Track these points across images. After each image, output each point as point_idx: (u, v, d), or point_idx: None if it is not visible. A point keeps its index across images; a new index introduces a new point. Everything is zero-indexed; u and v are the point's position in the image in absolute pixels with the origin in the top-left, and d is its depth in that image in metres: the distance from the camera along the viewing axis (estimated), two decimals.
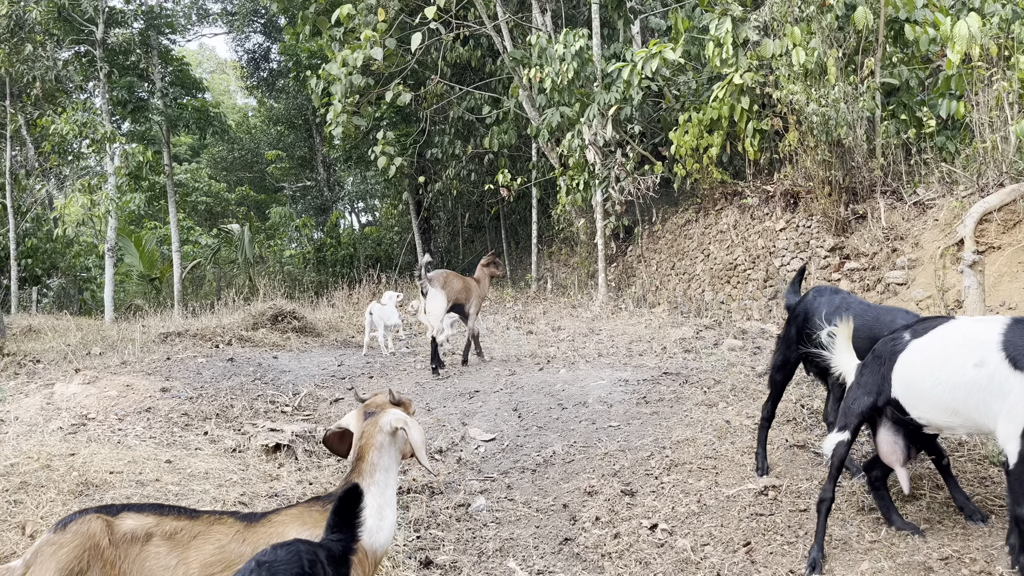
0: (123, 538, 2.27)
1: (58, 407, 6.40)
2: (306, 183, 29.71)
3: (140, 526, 2.33)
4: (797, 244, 10.90)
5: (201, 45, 45.13)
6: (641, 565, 3.81)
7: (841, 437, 3.63)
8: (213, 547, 2.35)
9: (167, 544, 2.32)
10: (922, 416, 3.40)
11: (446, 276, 8.86)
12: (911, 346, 3.44)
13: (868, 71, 10.72)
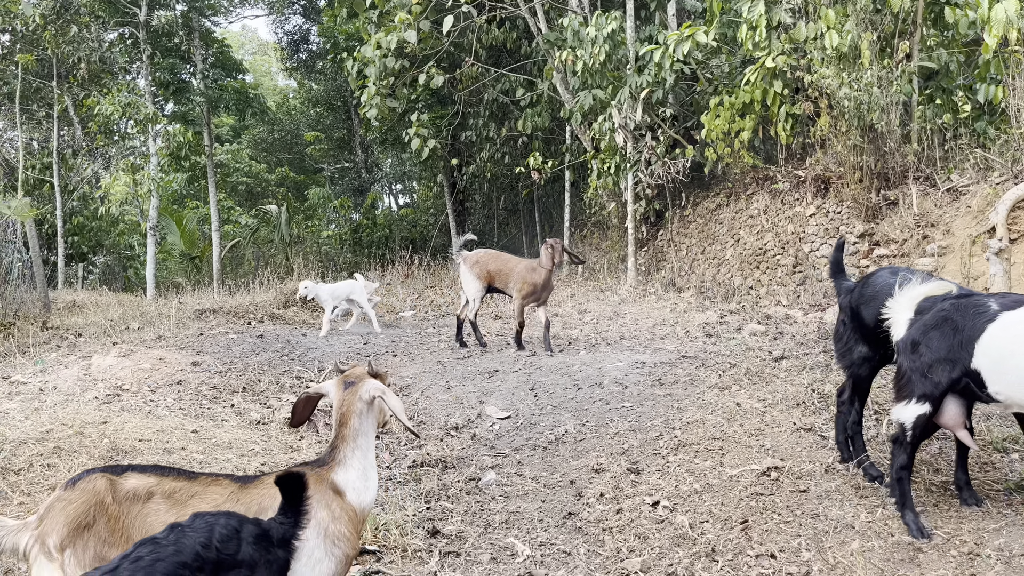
0: (126, 496, 2.44)
1: (94, 378, 6.69)
2: (344, 164, 30.06)
3: (142, 485, 2.50)
4: (827, 230, 10.80)
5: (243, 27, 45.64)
6: (639, 539, 3.92)
7: (921, 410, 3.50)
8: (208, 505, 2.49)
9: (166, 502, 2.48)
10: (1002, 392, 3.24)
11: (479, 256, 8.59)
12: (1003, 318, 3.23)
13: (903, 54, 10.53)
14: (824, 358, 6.40)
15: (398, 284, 15.83)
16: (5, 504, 4.19)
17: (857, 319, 4.22)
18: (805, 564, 3.47)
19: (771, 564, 3.52)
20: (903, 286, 3.76)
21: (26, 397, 6.21)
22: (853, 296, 4.30)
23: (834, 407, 5.23)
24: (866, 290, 4.20)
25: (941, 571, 3.26)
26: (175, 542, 2.01)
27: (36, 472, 4.51)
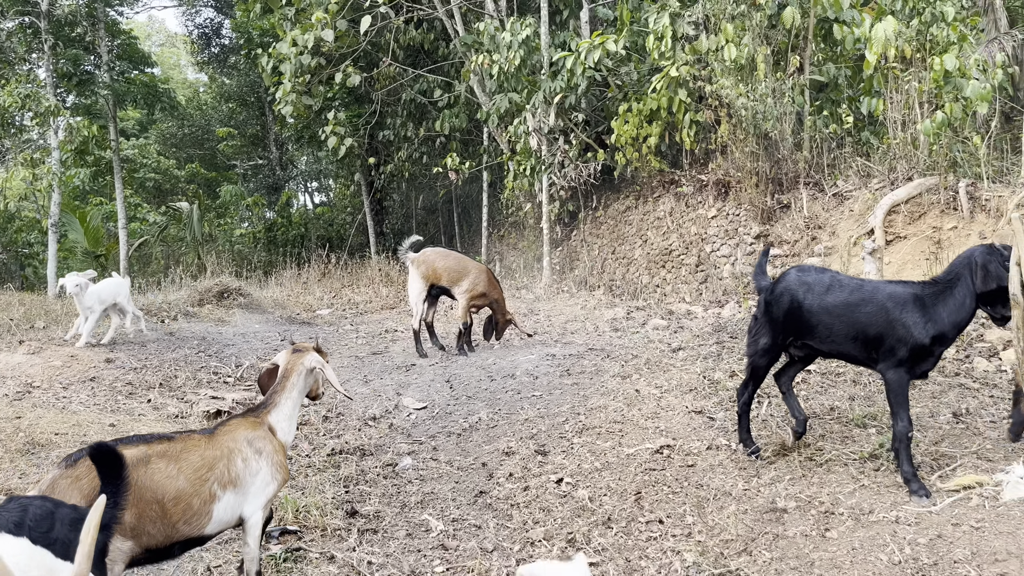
0: (130, 463, 2.73)
1: (3, 375, 6.61)
2: (258, 162, 29.54)
3: (138, 453, 2.91)
4: (727, 231, 11.48)
5: (150, 17, 44.17)
6: (544, 512, 4.27)
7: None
8: (195, 456, 3.06)
9: (164, 461, 2.97)
10: None
11: (426, 255, 8.26)
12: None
13: (795, 68, 11.30)
14: (716, 348, 6.92)
15: (315, 283, 15.83)
16: None
17: (768, 314, 4.56)
18: (688, 527, 3.89)
19: (659, 528, 3.93)
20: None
21: None
22: (768, 293, 4.62)
23: (723, 391, 5.74)
24: (777, 287, 4.54)
25: (801, 527, 3.73)
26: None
27: None
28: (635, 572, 3.59)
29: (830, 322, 4.27)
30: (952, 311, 4.04)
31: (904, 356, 4.04)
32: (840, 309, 4.23)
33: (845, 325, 4.21)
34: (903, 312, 4.06)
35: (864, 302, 4.17)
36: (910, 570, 3.29)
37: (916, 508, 3.79)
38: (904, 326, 4.03)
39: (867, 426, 4.88)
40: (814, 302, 4.32)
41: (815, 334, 4.37)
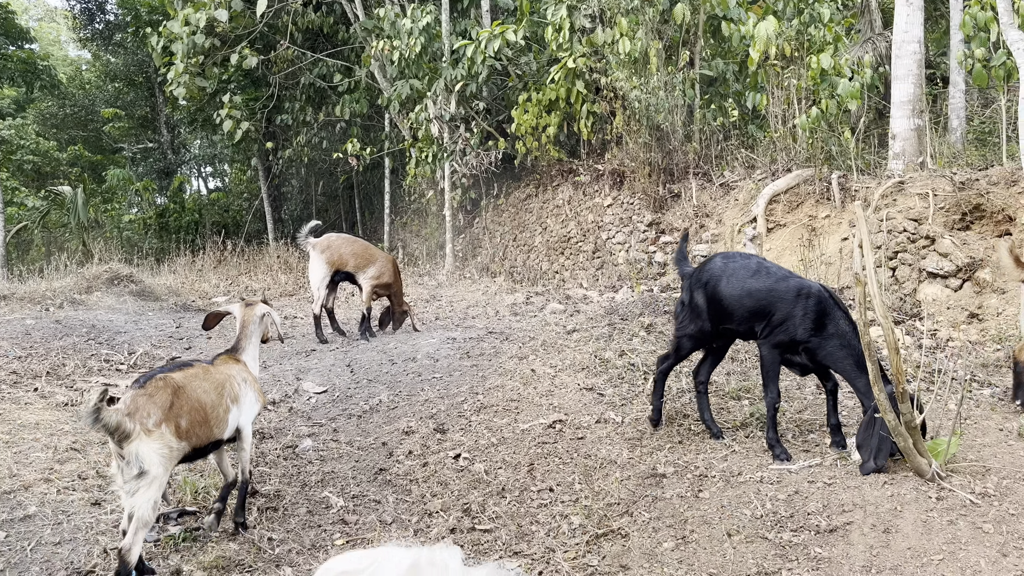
0: (182, 382, 3.66)
1: None
2: (148, 145, 28.32)
3: (184, 375, 3.73)
4: (621, 219, 11.93)
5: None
6: (441, 486, 4.46)
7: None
8: (214, 377, 3.89)
9: (199, 380, 3.78)
10: None
11: (331, 241, 8.24)
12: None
13: (686, 62, 11.82)
14: (608, 330, 7.26)
15: (210, 270, 15.44)
16: None
17: (692, 300, 4.77)
18: (576, 493, 4.16)
19: (550, 495, 4.18)
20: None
21: None
22: (692, 280, 4.83)
23: (613, 369, 6.06)
24: (702, 275, 4.75)
25: (678, 490, 4.06)
26: None
27: None
28: (526, 536, 3.82)
29: (751, 305, 4.52)
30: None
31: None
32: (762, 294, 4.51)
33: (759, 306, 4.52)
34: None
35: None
36: (770, 522, 3.65)
37: (778, 468, 4.18)
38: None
39: (741, 398, 5.30)
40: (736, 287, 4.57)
41: (734, 318, 4.60)
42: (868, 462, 3.99)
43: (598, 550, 3.61)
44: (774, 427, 4.38)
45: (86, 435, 5.16)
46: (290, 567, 3.67)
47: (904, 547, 3.37)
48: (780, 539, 3.51)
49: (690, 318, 4.78)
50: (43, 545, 3.76)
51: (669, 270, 10.71)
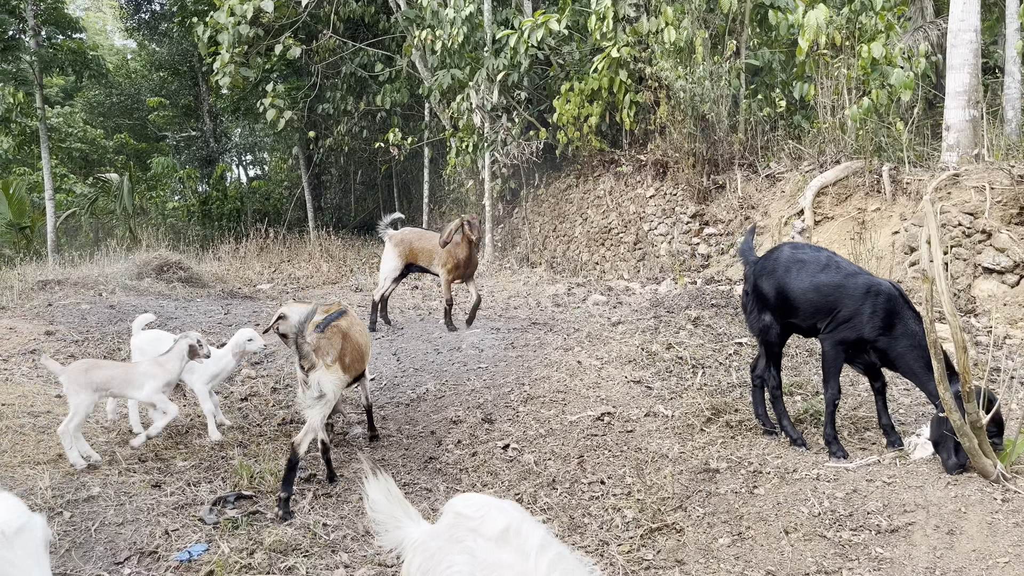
0: (346, 326, 4.56)
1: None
2: (191, 133, 28.73)
3: (345, 323, 4.57)
4: (664, 210, 11.83)
5: None
6: (492, 476, 4.48)
7: None
8: (359, 321, 4.82)
9: (355, 326, 4.69)
10: None
11: (405, 235, 8.28)
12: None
13: (732, 52, 11.65)
14: (654, 322, 7.22)
15: (253, 257, 15.65)
16: None
17: (758, 291, 4.66)
18: (628, 487, 4.15)
19: (601, 488, 4.18)
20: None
21: None
22: (756, 269, 4.72)
23: (660, 363, 6.03)
24: (767, 264, 4.65)
25: (732, 485, 4.03)
26: None
27: None
28: (579, 528, 3.83)
29: (817, 300, 4.40)
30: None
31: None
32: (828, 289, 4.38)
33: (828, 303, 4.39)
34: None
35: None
36: (828, 521, 3.61)
37: (835, 466, 4.13)
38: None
39: (793, 394, 5.23)
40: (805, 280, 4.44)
41: (799, 313, 4.48)
42: (950, 459, 3.89)
43: (652, 544, 3.60)
44: (832, 424, 4.32)
45: (145, 417, 5.27)
46: (345, 552, 3.71)
47: (968, 549, 3.30)
48: (839, 538, 3.47)
49: (759, 308, 4.66)
50: (106, 526, 3.85)
51: (713, 262, 10.61)
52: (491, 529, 2.11)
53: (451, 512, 2.32)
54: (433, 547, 2.32)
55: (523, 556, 2.04)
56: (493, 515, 2.16)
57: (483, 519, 2.17)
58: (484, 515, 2.18)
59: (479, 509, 2.22)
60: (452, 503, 2.35)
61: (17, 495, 4.02)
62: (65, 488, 4.16)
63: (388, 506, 2.47)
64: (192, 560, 3.58)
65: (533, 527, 2.09)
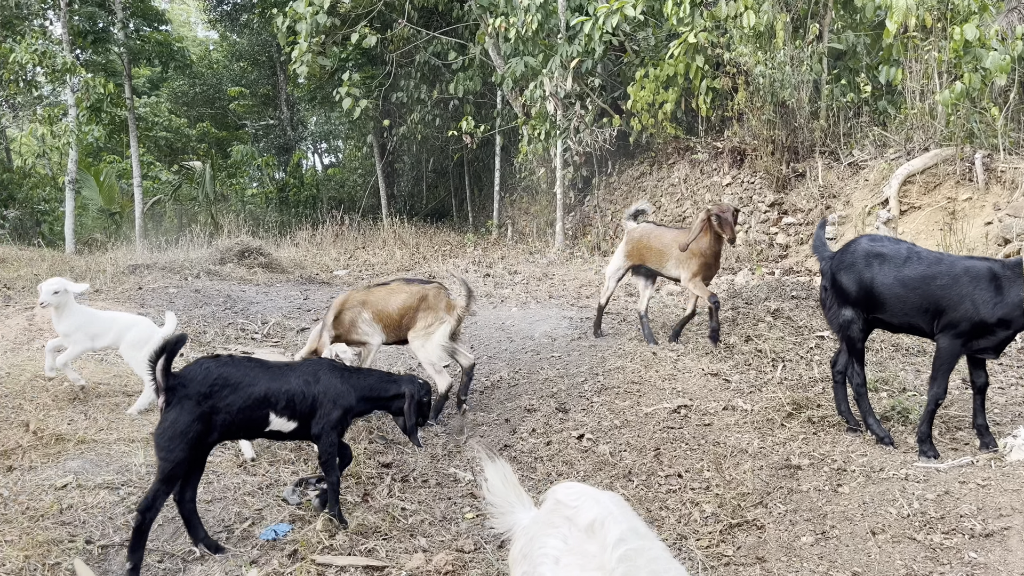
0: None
1: (40, 328, 6.83)
2: (269, 122, 29.48)
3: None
4: (741, 199, 11.57)
5: None
6: (567, 465, 4.48)
7: None
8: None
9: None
10: None
11: (634, 232, 7.05)
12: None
13: (814, 35, 11.28)
14: (731, 314, 7.08)
15: (329, 244, 16.01)
16: None
17: (837, 285, 4.53)
18: (706, 481, 4.10)
19: (678, 482, 4.13)
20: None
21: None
22: (833, 263, 4.58)
23: (738, 355, 5.92)
24: (845, 257, 4.50)
25: (815, 482, 3.93)
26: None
27: (6, 411, 4.75)
28: (656, 521, 3.80)
29: (904, 295, 4.23)
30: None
31: (965, 330, 4.11)
32: (916, 282, 4.19)
33: (920, 298, 4.19)
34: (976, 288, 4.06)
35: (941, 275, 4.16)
36: (918, 523, 3.48)
37: (924, 466, 3.98)
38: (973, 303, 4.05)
39: (879, 390, 5.06)
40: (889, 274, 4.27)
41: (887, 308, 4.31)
42: None
43: (732, 540, 3.54)
44: (930, 423, 4.15)
45: None
46: (424, 537, 3.77)
47: None
48: (930, 541, 3.35)
49: (839, 303, 4.50)
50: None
51: (792, 252, 10.34)
52: (583, 519, 2.19)
53: (552, 499, 2.39)
54: (533, 531, 2.41)
55: (603, 549, 2.11)
56: (587, 505, 2.23)
57: (578, 508, 2.24)
58: (579, 505, 2.25)
59: (577, 498, 2.29)
60: (554, 490, 2.43)
61: (113, 471, 4.23)
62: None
63: (504, 491, 2.55)
64: (277, 539, 3.69)
65: (617, 521, 2.15)
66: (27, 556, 3.39)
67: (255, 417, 3.62)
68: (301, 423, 3.77)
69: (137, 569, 3.30)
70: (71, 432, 4.54)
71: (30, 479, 4.07)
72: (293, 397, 3.70)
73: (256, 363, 3.75)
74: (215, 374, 3.52)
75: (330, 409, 3.80)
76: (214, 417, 3.49)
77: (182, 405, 3.42)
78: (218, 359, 3.66)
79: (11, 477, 4.08)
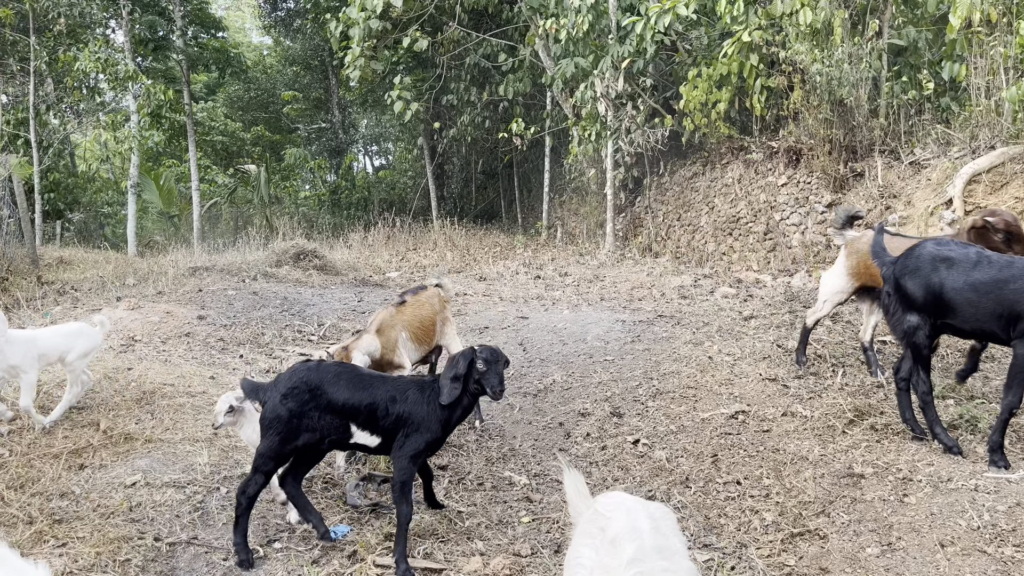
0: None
1: (109, 331, 7.05)
2: (321, 125, 29.95)
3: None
4: (797, 199, 11.36)
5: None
6: (622, 471, 4.46)
7: None
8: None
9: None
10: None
11: (863, 242, 5.56)
12: None
13: (874, 32, 11.01)
14: (790, 318, 6.96)
15: (381, 246, 16.19)
16: (51, 441, 4.60)
17: (901, 290, 4.37)
18: (766, 488, 4.03)
19: (737, 489, 4.08)
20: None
21: None
22: (896, 268, 4.42)
23: None
24: (909, 262, 4.35)
25: (879, 492, 3.84)
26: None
27: (73, 412, 4.92)
28: (715, 528, 3.75)
29: (977, 300, 4.07)
30: None
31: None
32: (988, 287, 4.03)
33: (993, 303, 4.02)
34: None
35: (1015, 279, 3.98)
36: (988, 535, 3.38)
37: (995, 477, 3.86)
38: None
39: (945, 398, 4.92)
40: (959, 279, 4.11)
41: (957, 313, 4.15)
42: None
43: (794, 550, 3.48)
44: (1003, 432, 4.02)
45: None
46: (480, 540, 3.79)
47: None
48: (1001, 554, 3.24)
49: (904, 309, 4.37)
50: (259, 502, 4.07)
51: None
52: (611, 531, 2.20)
53: (593, 508, 2.42)
54: (576, 538, 2.44)
55: (619, 566, 2.11)
56: (617, 517, 2.24)
57: (609, 520, 2.25)
58: (612, 515, 2.26)
59: (612, 509, 2.30)
60: (597, 498, 2.45)
61: (179, 469, 4.35)
62: (221, 465, 4.45)
63: (575, 499, 2.60)
64: (337, 539, 3.75)
65: (638, 538, 2.13)
66: (98, 552, 3.51)
67: (336, 426, 3.57)
68: (386, 440, 3.63)
69: (242, 548, 3.51)
70: (139, 431, 4.69)
71: (101, 477, 4.21)
72: (375, 412, 3.57)
73: (345, 371, 3.67)
74: (297, 377, 3.57)
75: (411, 432, 3.60)
76: (297, 420, 3.52)
77: (271, 402, 3.55)
78: (307, 363, 3.68)
79: (83, 475, 4.23)
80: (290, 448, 3.56)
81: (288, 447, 3.55)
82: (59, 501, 3.93)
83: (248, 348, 6.95)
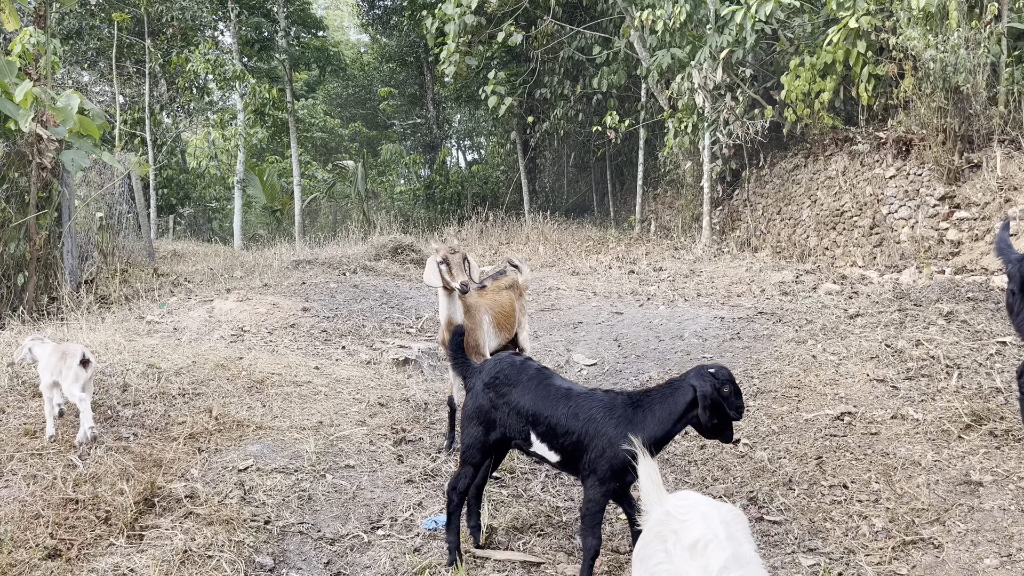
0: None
1: (219, 320, 7.42)
2: (416, 120, 30.51)
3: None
4: (907, 192, 10.85)
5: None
6: (722, 471, 4.38)
7: None
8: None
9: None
10: None
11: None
12: None
13: (992, 15, 10.38)
14: (899, 316, 6.66)
15: (474, 240, 16.38)
16: (169, 425, 4.88)
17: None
18: (875, 493, 3.89)
19: (843, 493, 3.95)
20: None
21: (163, 335, 6.97)
22: (1022, 266, 4.21)
23: (909, 361, 5.57)
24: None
25: (999, 501, 3.64)
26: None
27: (189, 398, 5.21)
28: (820, 533, 3.65)
29: None
30: None
31: None
32: None
33: None
34: None
35: None
36: None
37: None
38: None
39: None
40: None
41: None
42: None
43: (906, 558, 3.35)
44: None
45: (387, 392, 5.71)
46: (578, 536, 3.80)
47: None
48: None
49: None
50: (362, 490, 4.23)
51: (965, 249, 9.60)
52: (687, 537, 2.14)
53: (664, 509, 2.37)
54: (646, 538, 2.37)
55: (705, 574, 2.05)
56: (693, 522, 2.18)
57: (684, 524, 2.20)
58: (686, 520, 2.21)
59: (686, 512, 2.25)
60: (668, 499, 2.41)
61: (287, 456, 4.53)
62: (326, 453, 4.61)
63: (648, 488, 2.57)
64: (438, 528, 3.84)
65: (722, 547, 2.06)
66: (215, 532, 3.70)
67: (519, 429, 3.39)
68: (566, 459, 3.30)
69: (455, 546, 3.46)
70: (249, 418, 4.91)
71: (216, 461, 4.43)
72: (554, 427, 3.27)
73: (540, 375, 3.44)
74: (499, 368, 3.46)
75: (596, 458, 3.19)
76: (493, 412, 3.41)
77: (474, 390, 3.50)
78: (513, 357, 3.55)
79: (200, 458, 4.47)
80: (493, 439, 3.45)
81: (491, 436, 3.45)
82: (178, 482, 4.16)
83: (350, 340, 7.17)
